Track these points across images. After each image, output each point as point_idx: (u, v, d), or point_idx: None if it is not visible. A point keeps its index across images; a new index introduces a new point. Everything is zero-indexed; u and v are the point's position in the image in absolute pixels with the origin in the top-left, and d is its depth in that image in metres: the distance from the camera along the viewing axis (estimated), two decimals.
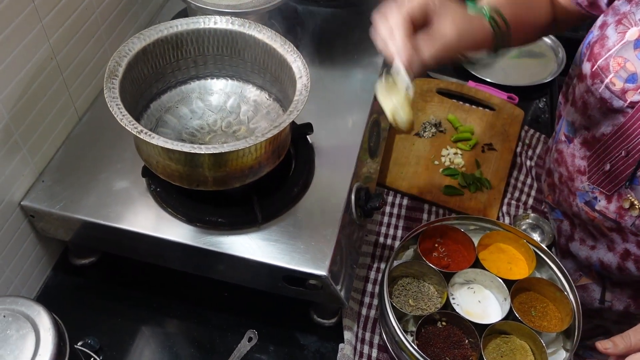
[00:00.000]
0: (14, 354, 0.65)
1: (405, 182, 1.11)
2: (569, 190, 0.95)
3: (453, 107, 1.27)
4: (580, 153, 0.90)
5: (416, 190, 1.10)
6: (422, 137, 1.20)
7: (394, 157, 1.15)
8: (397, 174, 1.12)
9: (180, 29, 0.88)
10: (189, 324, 0.94)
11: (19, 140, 0.84)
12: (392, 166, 1.12)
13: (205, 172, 0.78)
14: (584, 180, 0.90)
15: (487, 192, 1.11)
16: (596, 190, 0.88)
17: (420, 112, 1.24)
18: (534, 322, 0.87)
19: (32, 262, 0.93)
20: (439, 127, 1.22)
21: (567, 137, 0.93)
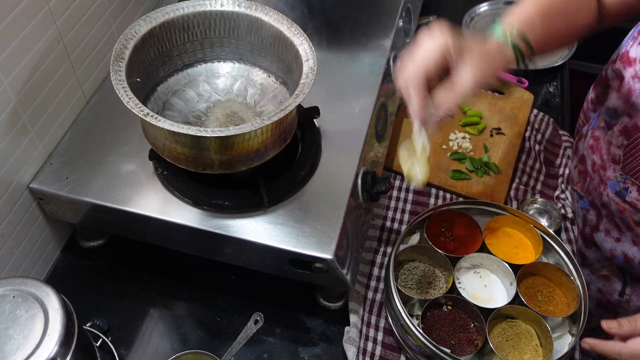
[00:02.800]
0: (23, 334, 0.66)
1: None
2: (600, 179, 0.93)
3: None
4: (617, 141, 0.88)
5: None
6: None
7: (400, 140, 1.13)
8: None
9: (187, 11, 0.88)
10: (197, 306, 0.95)
11: (27, 123, 0.84)
12: (400, 151, 1.08)
13: (212, 155, 0.79)
14: (617, 169, 0.89)
15: (494, 177, 1.11)
16: (628, 180, 0.87)
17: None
18: (540, 307, 0.87)
19: (41, 244, 0.94)
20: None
21: (607, 123, 0.91)
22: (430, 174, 0.78)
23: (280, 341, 0.91)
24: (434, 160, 1.11)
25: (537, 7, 0.76)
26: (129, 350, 0.89)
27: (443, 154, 1.14)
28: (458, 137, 1.17)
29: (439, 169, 1.10)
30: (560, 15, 0.79)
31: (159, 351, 0.89)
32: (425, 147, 0.75)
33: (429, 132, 0.72)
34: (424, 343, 0.81)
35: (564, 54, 1.38)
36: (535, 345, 0.85)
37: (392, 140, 1.11)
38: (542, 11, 0.75)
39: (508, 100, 1.24)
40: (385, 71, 1.05)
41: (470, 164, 1.12)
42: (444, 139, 1.16)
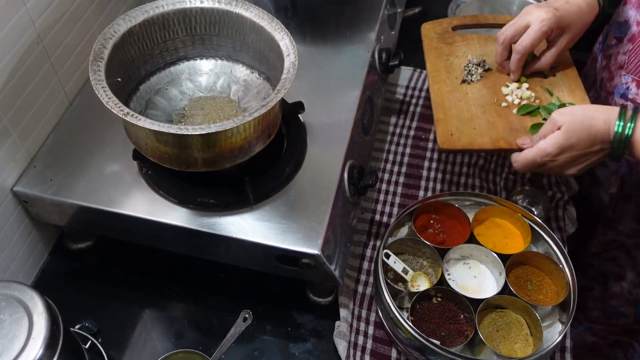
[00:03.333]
0: (8, 338, 0.66)
1: (486, 137, 0.92)
2: (607, 92, 1.03)
3: (481, 41, 1.08)
4: (624, 49, 0.98)
5: (504, 142, 0.91)
6: (471, 83, 1.01)
7: (454, 113, 0.95)
8: (470, 132, 0.92)
9: (166, 9, 0.87)
10: (186, 305, 0.94)
11: (8, 125, 0.83)
12: (458, 124, 0.93)
13: (195, 153, 0.78)
14: (622, 74, 0.98)
15: None
16: (629, 79, 0.96)
17: (451, 56, 1.05)
18: (530, 296, 0.87)
19: (28, 248, 0.93)
20: (483, 65, 1.03)
21: (617, 38, 1.00)
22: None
23: (270, 338, 0.91)
24: (502, 124, 0.94)
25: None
26: (119, 351, 0.89)
27: (508, 113, 0.96)
28: (513, 89, 0.99)
29: (515, 131, 0.92)
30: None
31: (149, 351, 0.89)
32: (406, 270, 0.88)
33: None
34: (414, 336, 0.81)
35: None
36: (526, 335, 0.85)
37: (445, 115, 0.95)
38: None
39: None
40: (371, 64, 1.04)
41: (546, 113, 0.94)
42: (498, 96, 0.99)
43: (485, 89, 1.00)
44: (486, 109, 0.96)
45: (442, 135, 0.92)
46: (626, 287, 1.15)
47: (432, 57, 1.05)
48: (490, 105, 0.97)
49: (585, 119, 0.80)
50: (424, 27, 1.11)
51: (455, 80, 1.01)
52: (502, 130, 0.92)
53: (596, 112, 0.80)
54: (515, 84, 1.00)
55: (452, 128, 0.93)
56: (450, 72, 1.02)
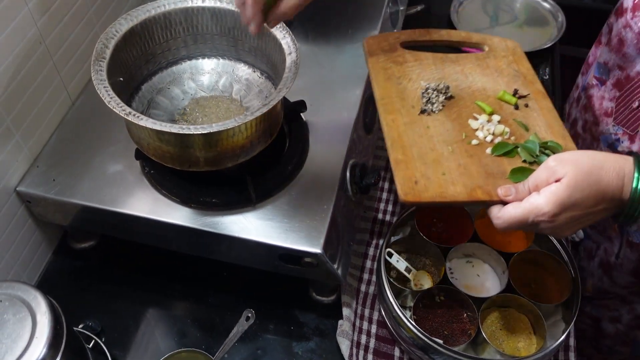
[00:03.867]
0: (11, 338, 0.66)
1: (459, 186, 0.73)
2: (592, 136, 0.93)
3: (437, 61, 0.91)
4: (610, 94, 0.88)
5: (481, 192, 0.72)
6: (432, 114, 0.82)
7: (416, 153, 0.76)
8: (438, 178, 0.73)
9: (168, 8, 0.87)
10: (189, 304, 0.95)
11: (11, 126, 0.84)
12: (423, 169, 0.74)
13: (197, 152, 0.78)
14: (609, 122, 0.88)
15: None
16: (620, 130, 0.86)
17: (403, 79, 0.87)
18: (533, 294, 0.87)
19: (32, 248, 0.94)
20: (445, 92, 0.84)
21: (599, 79, 0.91)
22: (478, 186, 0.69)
23: (273, 337, 0.91)
24: (476, 167, 0.75)
25: None
26: (122, 350, 0.89)
27: (481, 153, 0.77)
28: (483, 122, 0.81)
29: (492, 177, 0.74)
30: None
31: (152, 350, 0.89)
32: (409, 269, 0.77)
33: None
34: (417, 335, 0.81)
35: (553, 35, 1.38)
36: (529, 333, 0.85)
37: (404, 160, 0.76)
38: None
39: (496, 55, 0.92)
40: None
41: (526, 154, 0.76)
42: (466, 131, 0.80)
43: (449, 121, 0.81)
44: (454, 147, 0.78)
45: (403, 184, 0.72)
46: (622, 328, 1.08)
47: (380, 79, 0.86)
48: (459, 143, 0.79)
49: (593, 169, 0.63)
50: (366, 42, 0.92)
51: (412, 109, 0.82)
52: (476, 176, 0.74)
53: (605, 162, 0.64)
54: (484, 116, 0.81)
55: (416, 173, 0.74)
56: (404, 100, 0.83)
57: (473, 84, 0.87)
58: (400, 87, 0.85)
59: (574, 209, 0.64)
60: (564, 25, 1.38)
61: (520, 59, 0.91)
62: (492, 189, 0.71)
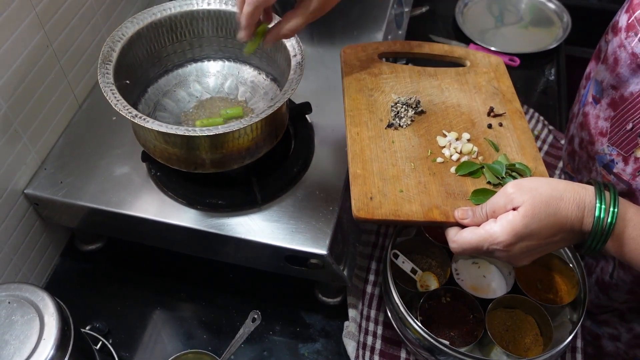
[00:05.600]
0: (20, 339, 0.67)
1: (415, 204, 0.71)
2: (588, 155, 0.92)
3: (414, 75, 0.88)
4: (605, 114, 0.86)
5: (438, 213, 0.70)
6: (399, 129, 0.79)
7: (376, 168, 0.74)
8: (395, 195, 0.71)
9: (173, 11, 0.87)
10: (196, 306, 0.95)
11: (19, 129, 0.84)
12: (381, 185, 0.72)
13: (203, 154, 0.78)
14: (604, 142, 0.87)
15: None
16: (614, 152, 0.84)
17: (376, 91, 0.84)
18: (540, 296, 0.87)
19: (40, 250, 0.94)
20: (416, 107, 0.82)
21: (595, 98, 0.90)
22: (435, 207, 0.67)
23: (280, 338, 0.91)
24: (436, 186, 0.73)
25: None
26: (129, 351, 0.89)
27: (444, 172, 0.75)
28: (451, 140, 0.78)
29: (452, 197, 0.72)
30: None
31: (159, 352, 0.90)
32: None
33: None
34: (423, 336, 0.81)
35: (559, 35, 1.37)
36: (536, 334, 0.84)
37: (362, 177, 0.73)
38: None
39: (477, 71, 0.89)
40: None
41: (491, 176, 0.73)
42: (432, 148, 0.78)
43: (416, 137, 0.79)
44: (417, 164, 0.75)
45: (358, 200, 0.70)
46: (622, 347, 1.06)
47: (352, 90, 0.83)
48: (423, 160, 0.76)
49: (551, 200, 0.61)
50: (344, 51, 0.89)
51: (380, 123, 0.79)
52: (436, 196, 0.72)
53: (565, 192, 0.62)
54: (454, 134, 0.79)
55: (372, 189, 0.71)
56: (373, 112, 0.81)
57: (448, 99, 0.84)
58: (371, 99, 0.83)
59: (530, 239, 0.62)
60: (570, 26, 1.38)
61: (502, 76, 0.89)
62: (450, 210, 0.69)
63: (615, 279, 0.95)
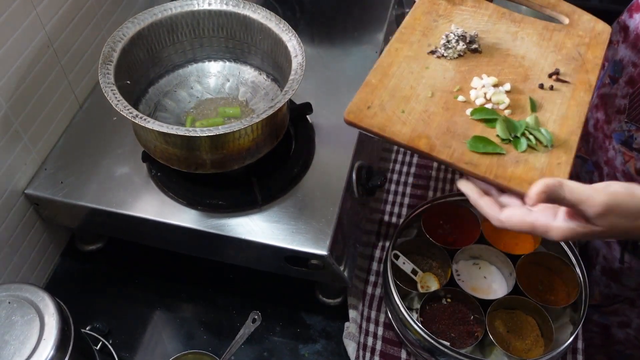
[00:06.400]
0: (20, 339, 0.66)
1: (407, 127, 0.67)
2: (604, 135, 0.93)
3: (495, 15, 0.83)
4: (623, 92, 0.88)
5: (424, 142, 0.66)
6: (442, 58, 0.76)
7: (392, 84, 0.72)
8: (393, 113, 0.69)
9: (174, 11, 0.87)
10: (196, 306, 0.95)
11: (19, 129, 0.84)
12: (387, 99, 0.70)
13: (203, 154, 0.78)
14: (622, 119, 0.88)
15: (546, 153, 0.67)
16: (633, 127, 0.86)
17: (443, 19, 0.80)
18: (541, 297, 0.86)
19: (40, 250, 0.94)
20: (471, 42, 0.77)
21: (612, 78, 0.91)
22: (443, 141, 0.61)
23: (280, 339, 0.91)
24: (441, 120, 0.69)
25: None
26: (129, 352, 0.89)
27: (458, 111, 0.70)
28: (486, 84, 0.72)
29: (452, 134, 0.68)
30: None
31: (159, 352, 0.89)
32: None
33: None
34: (424, 337, 0.81)
35: None
36: (537, 336, 0.84)
37: (378, 83, 0.72)
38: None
39: (570, 32, 0.81)
40: None
41: (503, 130, 0.68)
42: (462, 85, 0.73)
43: (455, 71, 0.75)
44: (436, 95, 0.72)
45: (355, 104, 0.69)
46: (632, 333, 1.07)
47: (419, 9, 0.80)
48: (445, 93, 0.72)
49: (628, 227, 0.58)
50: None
51: (427, 47, 0.77)
52: (434, 127, 0.68)
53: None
54: (493, 79, 0.73)
55: (375, 100, 0.69)
56: (426, 36, 0.78)
57: (515, 48, 0.78)
58: (434, 24, 0.79)
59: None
60: None
61: (597, 46, 0.79)
62: (440, 145, 0.66)
63: (627, 262, 0.95)
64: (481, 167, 0.65)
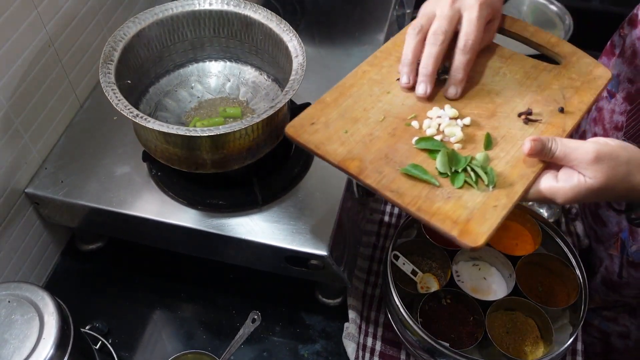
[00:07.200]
0: (19, 338, 0.66)
1: (342, 148, 0.66)
2: None
3: (484, 50, 0.78)
4: (620, 108, 0.86)
5: (355, 164, 0.64)
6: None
7: (346, 104, 0.70)
8: (335, 132, 0.67)
9: (175, 11, 0.87)
10: (196, 306, 0.95)
11: (20, 128, 0.84)
12: (336, 118, 0.68)
13: (203, 154, 0.78)
14: (619, 136, 0.87)
15: (485, 193, 0.62)
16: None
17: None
18: (540, 298, 0.86)
19: (40, 249, 0.94)
20: (443, 72, 0.73)
21: (610, 92, 0.89)
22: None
23: (280, 339, 0.91)
24: (382, 145, 0.66)
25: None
26: (129, 351, 0.89)
27: (405, 139, 0.67)
28: (444, 115, 0.69)
29: (388, 160, 0.65)
30: None
31: (159, 352, 0.89)
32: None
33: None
34: (423, 338, 0.80)
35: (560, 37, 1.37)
36: (536, 337, 0.84)
37: (330, 100, 0.70)
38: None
39: (561, 73, 0.75)
40: None
41: (444, 163, 0.64)
42: (419, 113, 0.70)
43: (416, 99, 0.71)
44: (388, 120, 0.69)
45: (300, 119, 0.67)
46: (631, 344, 1.06)
47: (403, 37, 0.74)
48: (397, 119, 0.69)
49: (624, 181, 0.59)
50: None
51: (397, 74, 0.73)
52: (372, 152, 0.65)
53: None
54: (453, 111, 0.69)
55: (322, 117, 0.68)
56: (400, 62, 0.73)
57: (492, 84, 0.74)
58: None
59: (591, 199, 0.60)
60: (572, 28, 1.38)
61: (587, 90, 0.72)
62: (371, 170, 0.63)
63: (625, 277, 0.95)
64: (406, 198, 0.62)
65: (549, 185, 0.60)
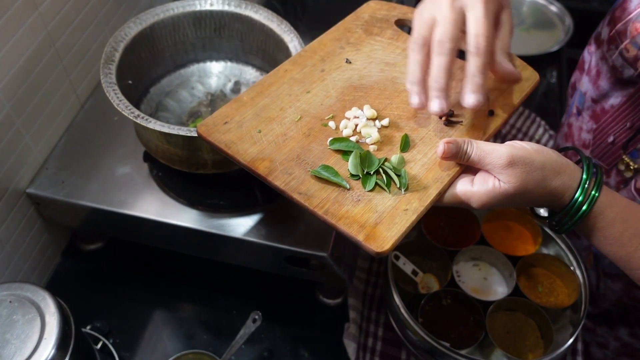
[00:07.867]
0: (21, 338, 0.67)
1: (253, 148, 0.64)
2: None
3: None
4: (587, 126, 0.87)
5: (265, 165, 0.63)
6: (328, 80, 0.71)
7: (263, 104, 0.68)
8: (247, 132, 0.65)
9: (176, 12, 0.88)
10: (196, 306, 0.95)
11: (21, 128, 0.84)
12: (250, 118, 0.66)
13: (204, 155, 0.78)
14: (587, 153, 0.87)
15: (396, 197, 0.60)
16: (596, 164, 0.85)
17: (350, 47, 0.76)
18: (541, 298, 0.87)
19: (41, 249, 0.95)
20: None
21: (578, 109, 0.90)
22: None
23: (280, 339, 0.91)
24: (295, 146, 0.64)
25: None
26: (130, 351, 0.89)
27: (320, 139, 0.65)
28: (362, 116, 0.67)
29: (300, 161, 0.63)
30: None
31: (160, 352, 0.90)
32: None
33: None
34: (424, 338, 0.81)
35: (560, 38, 1.37)
36: (536, 337, 0.84)
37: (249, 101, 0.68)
38: None
39: (490, 76, 0.68)
40: None
41: (355, 164, 0.61)
42: (338, 114, 0.68)
43: (336, 99, 0.69)
44: (304, 120, 0.67)
45: (213, 118, 0.66)
46: (610, 355, 1.05)
47: (329, 36, 0.75)
48: (314, 119, 0.67)
49: (537, 187, 0.58)
50: (367, 4, 0.81)
51: (320, 73, 0.72)
52: (284, 153, 0.63)
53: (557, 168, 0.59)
54: (371, 111, 0.67)
55: (236, 116, 0.66)
56: (324, 61, 0.73)
57: None
58: (338, 51, 0.74)
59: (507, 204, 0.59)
60: (571, 29, 1.38)
61: (514, 93, 0.71)
62: (281, 171, 0.61)
63: (602, 289, 0.95)
64: (314, 200, 0.59)
65: (465, 190, 0.59)
